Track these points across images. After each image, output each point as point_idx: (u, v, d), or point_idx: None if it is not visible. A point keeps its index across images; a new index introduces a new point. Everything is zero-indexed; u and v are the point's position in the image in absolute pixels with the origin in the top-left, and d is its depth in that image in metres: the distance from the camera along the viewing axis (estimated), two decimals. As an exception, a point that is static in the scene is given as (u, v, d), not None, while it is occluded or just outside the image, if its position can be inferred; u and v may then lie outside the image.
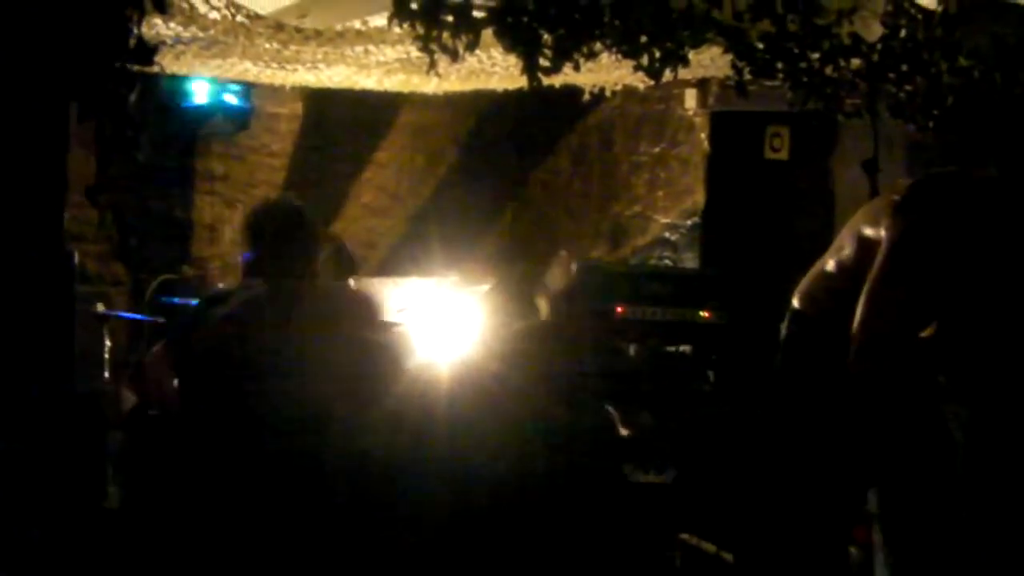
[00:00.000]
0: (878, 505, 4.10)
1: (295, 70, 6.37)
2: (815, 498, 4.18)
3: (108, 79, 3.27)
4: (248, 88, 8.23)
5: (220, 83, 7.94)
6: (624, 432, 5.81)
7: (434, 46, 3.86)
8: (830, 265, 4.11)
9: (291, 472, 4.63)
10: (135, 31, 3.32)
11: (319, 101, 8.69)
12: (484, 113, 9.09)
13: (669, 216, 8.23)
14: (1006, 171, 3.84)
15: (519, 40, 3.85)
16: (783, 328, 4.33)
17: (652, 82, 4.40)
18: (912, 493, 4.00)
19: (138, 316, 7.42)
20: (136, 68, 3.36)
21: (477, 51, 3.99)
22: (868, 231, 3.89)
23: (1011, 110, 4.44)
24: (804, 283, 4.27)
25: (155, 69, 3.52)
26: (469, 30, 3.88)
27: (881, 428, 3.95)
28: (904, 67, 4.33)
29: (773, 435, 4.45)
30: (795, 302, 4.27)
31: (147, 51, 3.38)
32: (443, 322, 7.14)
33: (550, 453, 4.81)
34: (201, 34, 5.06)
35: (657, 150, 8.35)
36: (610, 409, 5.23)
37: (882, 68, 4.33)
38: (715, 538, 5.99)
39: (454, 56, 3.90)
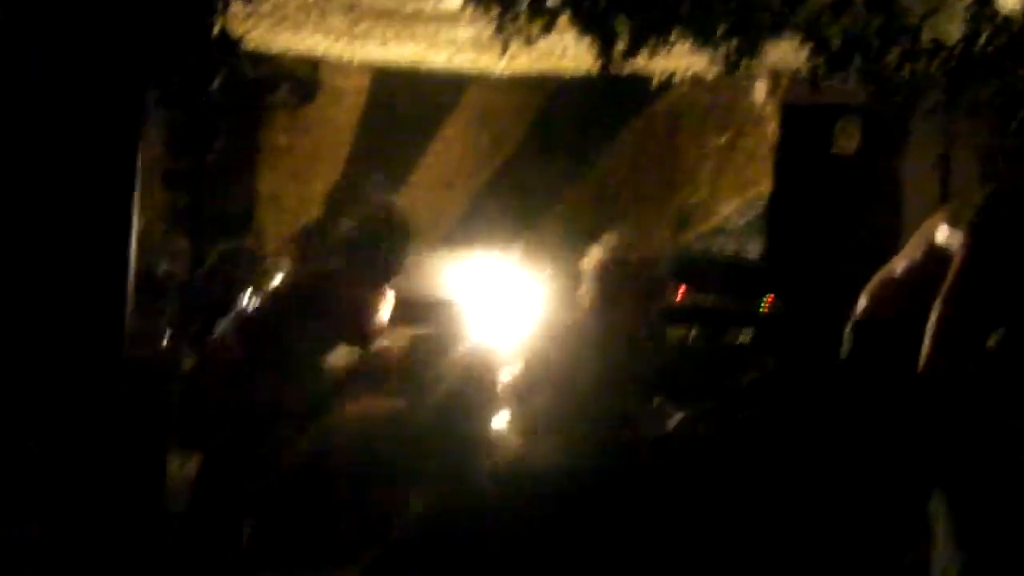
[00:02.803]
0: (944, 506, 4.04)
1: (364, 46, 6.36)
2: (879, 496, 4.15)
3: (187, 70, 3.27)
4: (315, 61, 8.23)
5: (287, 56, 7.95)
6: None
7: (508, 28, 3.85)
8: (900, 270, 4.07)
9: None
10: (218, 22, 3.33)
11: (386, 76, 8.66)
12: (551, 94, 9.04)
13: (733, 205, 8.17)
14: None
15: (595, 26, 3.84)
16: (848, 330, 4.28)
17: (723, 71, 4.37)
18: (980, 496, 3.95)
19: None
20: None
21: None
22: (942, 240, 3.84)
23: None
24: (872, 286, 4.23)
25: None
26: (544, 14, 3.86)
27: (951, 429, 3.91)
28: (982, 71, 4.27)
29: (834, 436, 4.40)
30: (862, 303, 4.23)
31: (230, 43, 3.39)
32: (503, 300, 7.13)
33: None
34: (274, 10, 5.05)
35: (724, 139, 8.28)
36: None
37: (960, 71, 4.27)
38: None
39: (528, 39, 3.89)
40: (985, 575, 3.94)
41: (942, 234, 3.85)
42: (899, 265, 4.10)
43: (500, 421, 5.36)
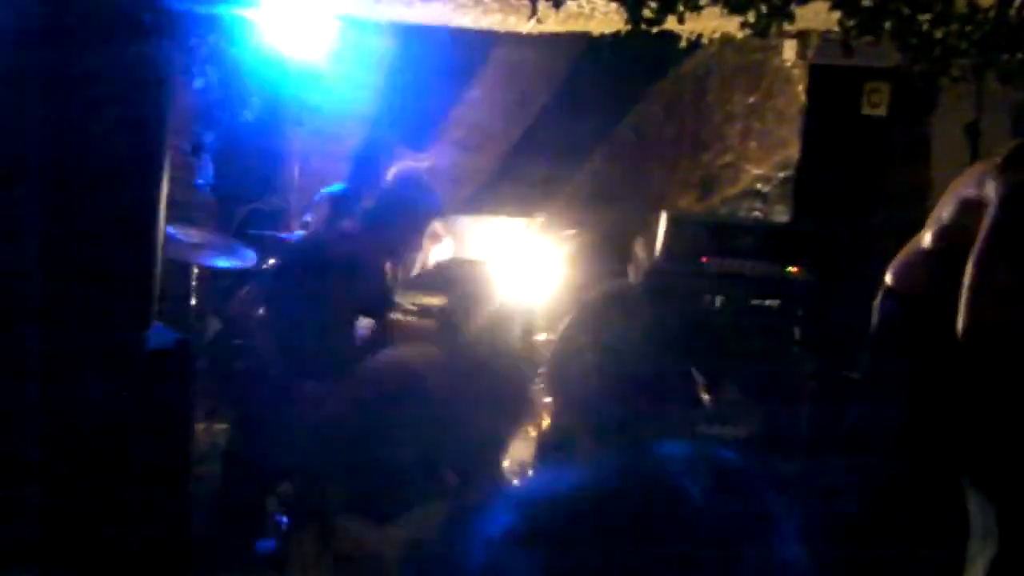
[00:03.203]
0: (980, 494, 3.98)
1: (390, 6, 6.33)
2: (915, 472, 4.10)
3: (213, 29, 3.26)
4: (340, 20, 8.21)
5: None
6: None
7: (537, -8, 3.82)
8: (928, 238, 3.99)
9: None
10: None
11: (411, 35, 8.63)
12: (578, 54, 8.98)
13: (761, 168, 8.11)
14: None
15: (623, -8, 3.80)
16: (877, 303, 4.23)
17: (752, 32, 4.33)
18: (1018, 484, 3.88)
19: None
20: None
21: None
22: (971, 192, 3.75)
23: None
24: (901, 258, 4.16)
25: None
26: (574, -23, 3.84)
27: (994, 397, 3.82)
28: (1016, 37, 4.21)
29: (869, 408, 4.35)
30: (889, 279, 4.16)
31: None
32: (528, 263, 7.13)
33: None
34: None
35: (752, 100, 8.22)
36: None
37: (994, 35, 4.22)
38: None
39: (557, 3, 3.85)
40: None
41: (973, 188, 3.75)
42: (927, 235, 4.02)
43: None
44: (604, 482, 1.55)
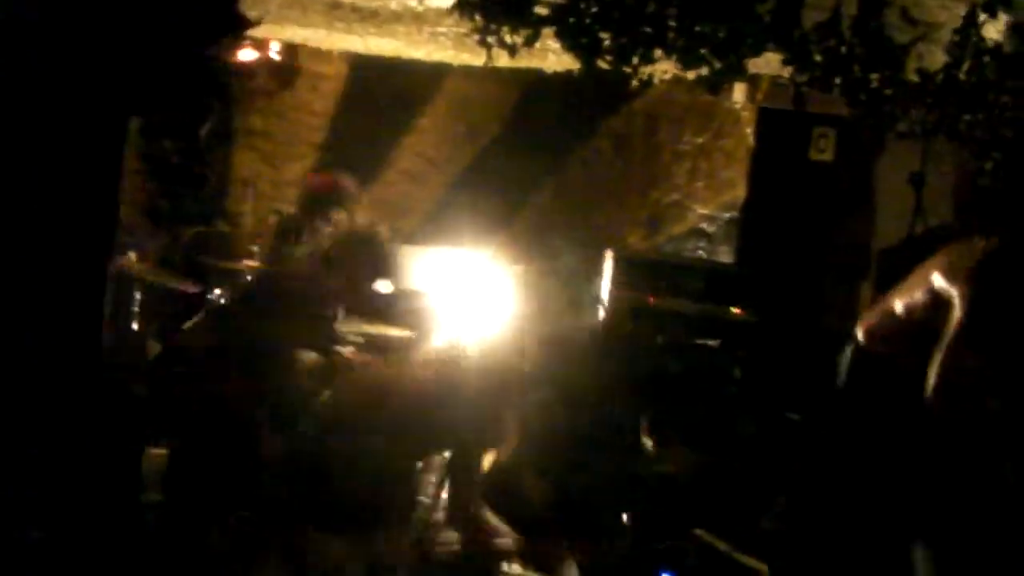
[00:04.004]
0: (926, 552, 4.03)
1: (344, 39, 6.35)
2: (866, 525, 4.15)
3: (177, 104, 3.25)
4: (294, 47, 8.21)
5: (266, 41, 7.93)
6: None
7: (492, 40, 3.82)
8: (899, 307, 4.06)
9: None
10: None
11: (364, 64, 8.63)
12: (529, 88, 8.99)
13: (707, 207, 8.18)
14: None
15: (579, 43, 3.81)
16: (846, 357, 4.28)
17: (704, 87, 4.38)
18: (966, 547, 3.94)
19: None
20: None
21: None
22: (942, 286, 3.83)
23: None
24: (870, 317, 4.23)
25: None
26: (528, 27, 3.84)
27: (946, 473, 3.90)
28: (965, 99, 4.27)
29: (828, 458, 4.40)
30: (859, 335, 4.23)
31: (222, 85, 3.37)
32: (474, 296, 7.12)
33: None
34: (255, 11, 5.02)
35: (701, 140, 8.28)
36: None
37: (942, 97, 4.28)
38: (729, 537, 5.97)
39: (511, 51, 3.86)
40: None
41: (940, 281, 3.84)
42: (897, 302, 4.09)
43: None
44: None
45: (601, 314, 6.75)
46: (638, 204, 8.82)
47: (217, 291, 6.77)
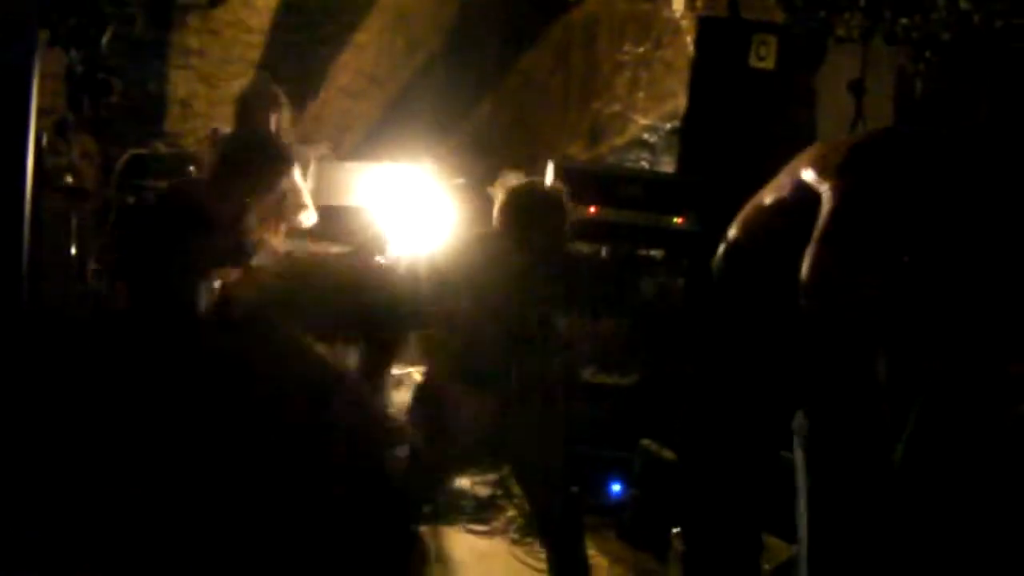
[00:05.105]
0: (804, 428, 4.09)
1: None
2: (746, 416, 4.22)
3: (79, 12, 3.18)
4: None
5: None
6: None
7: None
8: (768, 200, 4.10)
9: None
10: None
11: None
12: (468, 0, 8.94)
13: (649, 118, 8.15)
14: (993, 115, 3.79)
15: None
16: (719, 251, 4.33)
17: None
18: (841, 429, 4.01)
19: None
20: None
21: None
22: (809, 179, 3.86)
23: (1006, 58, 4.38)
24: (744, 212, 4.26)
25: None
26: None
27: (826, 365, 3.95)
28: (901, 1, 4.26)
29: (705, 354, 4.48)
30: (732, 231, 4.26)
31: None
32: (413, 211, 7.09)
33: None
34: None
35: (641, 50, 8.24)
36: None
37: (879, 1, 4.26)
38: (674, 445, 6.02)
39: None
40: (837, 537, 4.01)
41: (812, 175, 3.86)
42: (768, 197, 4.13)
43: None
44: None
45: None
46: (579, 115, 8.79)
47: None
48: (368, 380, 5.72)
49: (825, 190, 3.73)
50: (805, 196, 3.83)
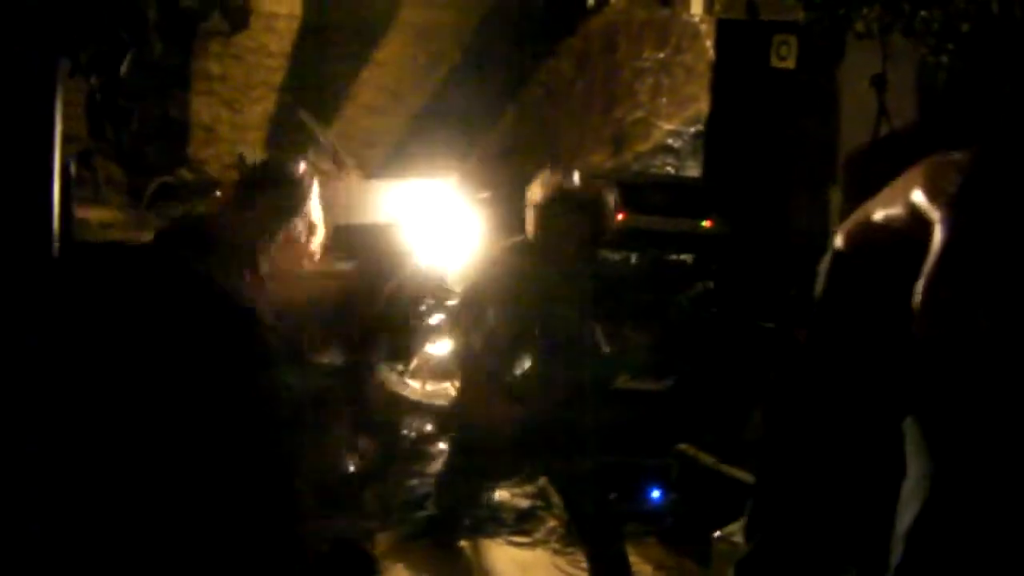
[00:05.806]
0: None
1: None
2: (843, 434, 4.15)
3: (98, 40, 3.20)
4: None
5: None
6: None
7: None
8: (877, 217, 4.02)
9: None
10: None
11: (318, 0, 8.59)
12: (487, 13, 8.95)
13: (672, 123, 8.14)
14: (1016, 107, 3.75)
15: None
16: (824, 265, 4.26)
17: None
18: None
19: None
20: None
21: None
22: (920, 203, 3.77)
23: (1026, 46, 4.35)
24: (849, 224, 4.19)
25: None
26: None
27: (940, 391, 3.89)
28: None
29: (803, 365, 4.40)
30: (839, 242, 4.20)
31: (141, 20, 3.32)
32: (441, 224, 7.10)
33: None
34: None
35: (661, 56, 8.24)
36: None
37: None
38: (713, 450, 6.00)
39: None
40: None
41: (921, 199, 3.78)
42: (877, 212, 4.04)
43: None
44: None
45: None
46: (602, 123, 8.79)
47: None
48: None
49: (937, 219, 3.66)
50: (915, 217, 3.77)
